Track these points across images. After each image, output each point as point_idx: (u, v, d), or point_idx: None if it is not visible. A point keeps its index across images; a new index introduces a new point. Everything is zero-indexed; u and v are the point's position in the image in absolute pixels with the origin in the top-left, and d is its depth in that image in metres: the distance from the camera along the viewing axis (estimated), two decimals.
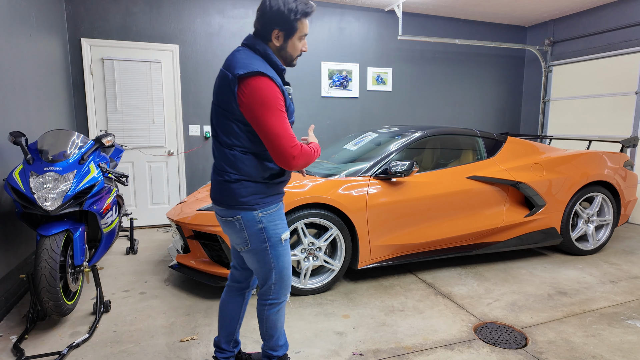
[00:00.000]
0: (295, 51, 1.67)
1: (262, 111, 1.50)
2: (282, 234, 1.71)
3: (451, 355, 2.22)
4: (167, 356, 2.20)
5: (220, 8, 4.89)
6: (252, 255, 1.71)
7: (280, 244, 1.71)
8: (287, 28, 1.60)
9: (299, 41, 1.66)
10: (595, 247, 3.91)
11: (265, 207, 1.66)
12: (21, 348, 2.24)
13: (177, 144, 4.93)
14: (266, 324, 1.82)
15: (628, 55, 5.15)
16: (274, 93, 1.51)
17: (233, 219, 1.66)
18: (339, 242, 3.00)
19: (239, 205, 1.63)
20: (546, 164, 3.65)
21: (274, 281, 1.74)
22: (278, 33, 1.61)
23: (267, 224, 1.67)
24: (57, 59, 4.02)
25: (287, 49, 1.66)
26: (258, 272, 1.75)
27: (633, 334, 2.43)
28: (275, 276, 1.74)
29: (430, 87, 6.10)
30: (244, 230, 1.67)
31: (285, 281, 1.77)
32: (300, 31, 1.63)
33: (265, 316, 1.81)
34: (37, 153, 2.53)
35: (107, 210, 2.79)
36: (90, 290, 3.08)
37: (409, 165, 2.99)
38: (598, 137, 5.57)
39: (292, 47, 1.66)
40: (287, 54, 1.67)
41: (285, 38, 1.63)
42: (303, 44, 1.69)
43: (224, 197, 1.65)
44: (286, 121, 1.55)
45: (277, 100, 1.52)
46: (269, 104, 1.50)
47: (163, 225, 5.03)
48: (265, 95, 1.50)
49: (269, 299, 1.78)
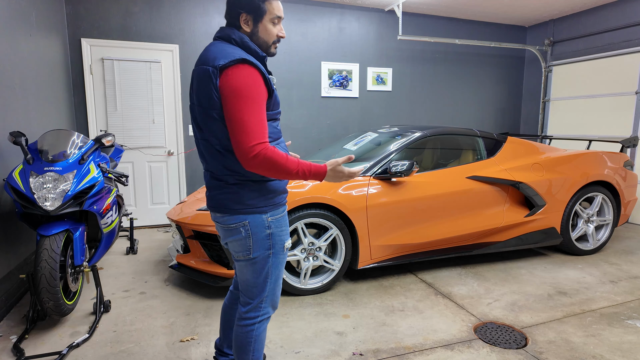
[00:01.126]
0: (269, 36, 1.52)
1: (236, 99, 1.36)
2: (286, 241, 1.60)
3: (451, 355, 2.22)
4: (167, 356, 2.20)
5: (220, 8, 4.89)
6: (251, 265, 1.56)
7: (282, 251, 1.59)
8: (253, 10, 1.47)
9: (273, 25, 1.51)
10: (595, 247, 3.91)
11: (274, 210, 1.54)
12: (21, 348, 2.24)
13: (177, 144, 4.93)
14: (254, 344, 1.62)
15: (628, 55, 5.15)
16: (254, 82, 1.38)
17: (238, 224, 1.51)
18: (339, 242, 3.00)
19: (246, 209, 1.49)
20: (546, 164, 3.66)
21: (267, 294, 1.60)
22: (246, 17, 1.48)
23: (275, 229, 1.55)
24: (57, 59, 4.02)
25: (259, 34, 1.51)
26: (250, 285, 1.58)
27: (633, 334, 2.43)
28: (270, 287, 1.60)
29: (430, 87, 6.10)
30: (249, 237, 1.52)
31: (277, 292, 1.64)
32: (270, 13, 1.49)
33: (253, 337, 1.62)
34: (37, 153, 2.53)
35: (107, 210, 2.79)
36: (90, 290, 3.08)
37: (409, 165, 2.99)
38: (598, 137, 5.57)
39: (265, 31, 1.51)
40: (261, 40, 1.52)
41: (254, 22, 1.49)
42: (279, 29, 1.54)
43: (227, 202, 1.50)
44: (261, 115, 1.38)
45: (257, 90, 1.38)
46: (246, 93, 1.36)
47: (163, 225, 5.03)
48: (245, 84, 1.36)
49: (258, 316, 1.62)
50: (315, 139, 5.55)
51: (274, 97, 1.49)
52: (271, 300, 1.64)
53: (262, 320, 1.63)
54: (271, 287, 1.61)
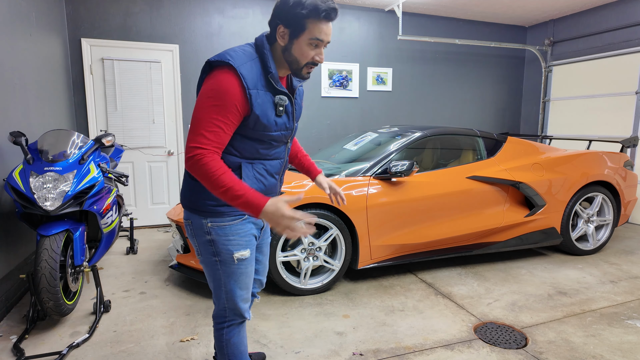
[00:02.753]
0: (302, 57, 1.37)
1: (201, 99, 1.31)
2: (235, 252, 1.46)
3: (451, 355, 2.22)
4: (167, 356, 2.20)
5: (220, 8, 4.89)
6: (204, 267, 1.52)
7: (232, 262, 1.47)
8: (292, 25, 1.33)
9: (309, 46, 1.36)
10: (595, 247, 3.91)
11: (216, 217, 1.43)
12: (21, 348, 2.24)
13: (177, 144, 4.93)
14: (227, 349, 1.59)
15: (628, 55, 5.15)
16: (228, 89, 1.29)
17: (186, 222, 1.50)
18: (339, 242, 3.00)
19: (189, 208, 1.47)
20: (546, 164, 3.66)
21: (225, 302, 1.53)
22: (283, 30, 1.36)
23: (216, 237, 1.44)
24: (57, 59, 4.02)
25: (292, 52, 1.37)
26: (211, 289, 1.56)
27: (633, 334, 2.43)
28: (226, 296, 1.52)
29: (430, 87, 6.10)
30: (194, 237, 1.49)
31: (238, 303, 1.53)
32: (310, 33, 1.33)
33: (224, 341, 1.58)
34: (37, 153, 2.53)
35: (107, 210, 2.79)
36: (90, 290, 3.08)
37: (409, 165, 2.99)
38: (598, 137, 5.57)
39: (299, 50, 1.36)
40: (292, 58, 1.38)
41: (290, 37, 1.36)
42: (317, 53, 1.37)
43: (181, 195, 1.52)
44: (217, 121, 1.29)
45: (226, 97, 1.29)
46: (214, 96, 1.29)
47: (163, 225, 5.03)
48: (217, 87, 1.29)
49: (225, 321, 1.57)
50: (315, 139, 5.55)
51: (256, 117, 1.36)
52: (233, 310, 1.55)
53: (229, 326, 1.58)
54: (228, 297, 1.52)
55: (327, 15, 1.32)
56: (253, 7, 5.03)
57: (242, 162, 1.44)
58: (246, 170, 1.44)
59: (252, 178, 1.47)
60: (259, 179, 1.49)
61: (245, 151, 1.43)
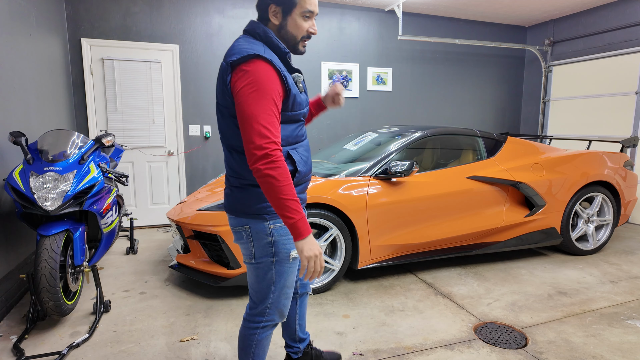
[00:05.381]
0: (298, 31, 1.42)
1: (246, 95, 1.30)
2: (292, 250, 1.53)
3: (451, 355, 2.22)
4: (167, 356, 2.20)
5: (220, 8, 4.89)
6: (254, 269, 1.54)
7: (287, 260, 1.53)
8: (283, 2, 1.38)
9: (303, 19, 1.41)
10: (595, 247, 3.90)
11: (278, 220, 1.49)
12: (21, 348, 2.24)
13: (177, 144, 4.93)
14: (255, 349, 1.61)
15: (628, 55, 5.15)
16: (268, 78, 1.31)
17: (241, 228, 1.51)
18: (339, 242, 3.00)
19: (248, 215, 1.47)
20: (546, 164, 3.66)
21: (271, 301, 1.56)
22: (275, 9, 1.40)
23: (277, 238, 1.49)
24: (57, 59, 4.02)
25: (287, 28, 1.41)
26: (254, 289, 1.57)
27: (633, 334, 2.43)
28: (275, 295, 1.55)
29: (430, 87, 6.10)
30: (251, 242, 1.51)
31: (283, 301, 1.59)
32: (300, 6, 1.38)
33: (255, 341, 1.60)
34: (37, 153, 2.53)
35: (107, 210, 2.79)
36: (90, 290, 3.08)
37: (409, 165, 2.99)
38: (598, 137, 5.57)
39: (294, 25, 1.41)
40: (289, 35, 1.42)
41: (283, 14, 1.40)
42: (310, 25, 1.42)
43: (232, 204, 1.51)
44: (273, 113, 1.32)
45: (271, 86, 1.32)
46: (259, 88, 1.30)
47: (163, 225, 5.03)
48: (257, 79, 1.30)
49: (262, 321, 1.59)
50: (315, 139, 5.55)
51: (294, 97, 1.42)
52: (277, 309, 1.59)
53: (265, 326, 1.60)
54: (276, 295, 1.56)
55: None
56: (253, 7, 5.03)
57: (288, 149, 1.47)
58: (296, 156, 1.48)
59: (302, 162, 1.50)
60: (306, 161, 1.53)
61: (287, 137, 1.46)
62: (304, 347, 1.99)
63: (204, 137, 5.03)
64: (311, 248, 1.34)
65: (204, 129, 5.01)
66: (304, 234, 1.34)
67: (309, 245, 1.34)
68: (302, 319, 1.94)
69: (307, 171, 1.55)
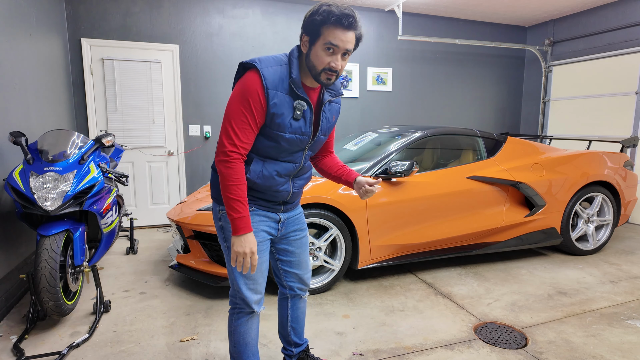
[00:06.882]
0: (318, 62, 1.43)
1: (233, 97, 1.45)
2: None
3: (451, 355, 2.22)
4: (167, 356, 2.20)
5: (220, 8, 4.89)
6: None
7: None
8: (310, 32, 1.43)
9: (325, 52, 1.41)
10: (595, 247, 3.91)
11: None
12: (21, 348, 2.24)
13: (177, 144, 4.93)
14: (233, 336, 1.67)
15: (628, 55, 5.15)
16: (253, 88, 1.42)
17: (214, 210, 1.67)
18: (339, 242, 3.00)
19: (213, 197, 1.64)
20: (546, 164, 3.66)
21: (236, 287, 1.61)
22: (305, 38, 1.47)
23: (225, 224, 1.59)
24: (57, 59, 4.02)
25: (310, 57, 1.45)
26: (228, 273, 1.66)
27: (633, 334, 2.43)
28: (236, 282, 1.60)
29: (430, 87, 6.10)
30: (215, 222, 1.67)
31: (243, 291, 1.59)
32: (324, 38, 1.40)
33: (232, 326, 1.66)
34: (37, 153, 2.53)
35: (107, 210, 2.79)
36: (90, 290, 3.08)
37: (409, 165, 2.99)
38: (598, 137, 5.57)
39: (315, 56, 1.43)
40: (311, 64, 1.46)
41: (310, 44, 1.45)
42: (333, 59, 1.42)
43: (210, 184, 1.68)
44: (247, 119, 1.43)
45: (253, 96, 1.42)
46: (243, 94, 1.43)
47: (163, 225, 5.03)
48: (244, 86, 1.43)
49: (235, 307, 1.66)
50: None
51: (272, 115, 1.46)
52: (241, 297, 1.62)
53: (238, 312, 1.65)
54: (237, 282, 1.59)
55: (338, 20, 1.37)
56: (253, 7, 5.03)
57: (255, 157, 1.55)
58: (255, 166, 1.55)
59: (260, 176, 1.56)
60: (266, 176, 1.56)
61: (258, 149, 1.55)
62: (298, 352, 1.97)
63: (204, 137, 5.03)
64: (242, 245, 1.46)
65: (204, 129, 5.01)
66: (240, 232, 1.45)
67: (241, 242, 1.46)
68: (295, 322, 1.92)
69: (264, 186, 1.57)
